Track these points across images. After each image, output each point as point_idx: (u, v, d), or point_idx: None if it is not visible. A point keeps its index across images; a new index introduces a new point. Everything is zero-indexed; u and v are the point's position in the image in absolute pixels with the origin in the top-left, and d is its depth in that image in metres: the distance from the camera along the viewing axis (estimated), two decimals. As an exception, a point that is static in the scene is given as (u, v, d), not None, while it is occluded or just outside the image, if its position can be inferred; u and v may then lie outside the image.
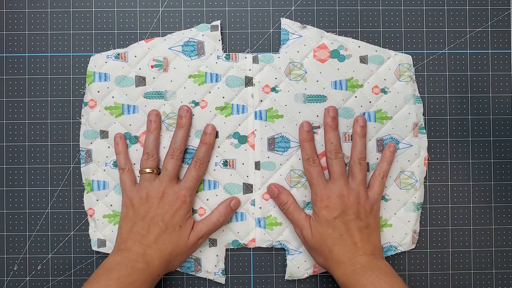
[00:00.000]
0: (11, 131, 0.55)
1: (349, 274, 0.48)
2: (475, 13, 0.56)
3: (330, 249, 0.50)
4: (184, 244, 0.51)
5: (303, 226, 0.52)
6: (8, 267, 0.55)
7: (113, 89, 0.54)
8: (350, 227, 0.50)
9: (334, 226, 0.50)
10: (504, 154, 0.56)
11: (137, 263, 0.48)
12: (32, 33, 0.55)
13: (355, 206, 0.50)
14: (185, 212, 0.51)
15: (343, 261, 0.49)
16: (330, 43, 0.55)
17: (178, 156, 0.52)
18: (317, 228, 0.51)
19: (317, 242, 0.50)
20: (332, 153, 0.52)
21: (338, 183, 0.51)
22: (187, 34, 0.55)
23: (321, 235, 0.50)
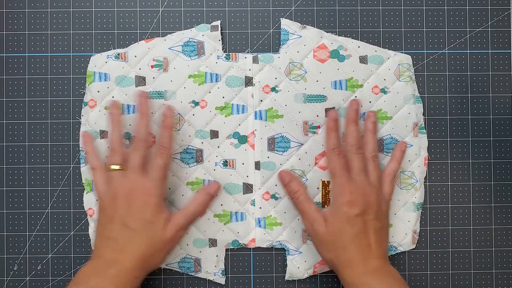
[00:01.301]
0: (11, 131, 0.55)
1: (359, 275, 0.47)
2: (475, 13, 0.56)
3: (345, 246, 0.48)
4: (161, 240, 0.48)
5: (315, 218, 0.50)
6: (8, 267, 0.55)
7: (113, 89, 0.54)
8: (368, 227, 0.48)
9: (354, 223, 0.48)
10: (504, 154, 0.56)
11: (108, 270, 0.46)
12: (32, 33, 0.55)
13: (375, 206, 0.49)
14: (154, 207, 0.48)
15: (355, 261, 0.47)
16: (330, 43, 0.55)
17: (142, 146, 0.50)
18: (335, 223, 0.48)
19: (332, 237, 0.48)
20: (354, 148, 0.51)
21: (360, 179, 0.50)
22: (187, 34, 0.55)
23: (338, 230, 0.48)
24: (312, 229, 0.50)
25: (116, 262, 0.47)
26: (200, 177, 0.54)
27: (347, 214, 0.48)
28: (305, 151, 0.54)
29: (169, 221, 0.49)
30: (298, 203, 0.51)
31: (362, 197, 0.49)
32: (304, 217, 0.51)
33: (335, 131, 0.52)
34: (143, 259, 0.48)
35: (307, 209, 0.50)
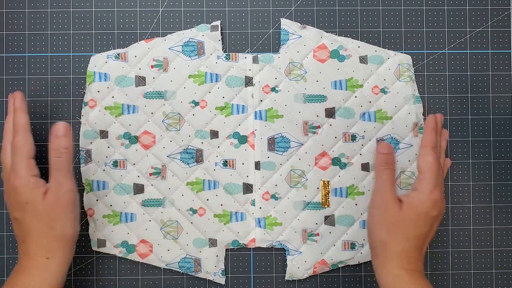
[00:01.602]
0: (11, 131, 0.55)
1: (387, 270, 0.47)
2: (475, 13, 0.56)
3: (404, 237, 0.47)
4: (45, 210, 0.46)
5: (392, 196, 0.48)
6: (8, 267, 0.55)
7: (113, 89, 0.54)
8: (434, 230, 0.48)
9: (427, 222, 0.47)
10: (504, 154, 0.56)
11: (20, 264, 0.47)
12: (32, 33, 0.55)
13: (443, 211, 0.49)
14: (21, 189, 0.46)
15: (401, 257, 0.47)
16: (330, 43, 0.55)
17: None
18: (410, 212, 0.47)
19: (398, 223, 0.47)
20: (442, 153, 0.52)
21: (441, 186, 0.49)
22: (187, 34, 0.55)
23: (410, 220, 0.47)
24: (382, 206, 0.48)
25: (24, 254, 0.47)
26: (200, 177, 0.54)
27: (428, 211, 0.47)
28: (305, 151, 0.54)
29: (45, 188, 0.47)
30: (384, 174, 0.49)
31: (442, 201, 0.48)
32: (381, 189, 0.49)
33: (436, 131, 0.50)
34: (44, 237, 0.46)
35: (387, 183, 0.49)
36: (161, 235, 0.54)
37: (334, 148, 0.55)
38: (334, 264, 0.55)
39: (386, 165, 0.50)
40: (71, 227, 0.47)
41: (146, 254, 0.54)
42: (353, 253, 0.55)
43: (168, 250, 0.54)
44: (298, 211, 0.54)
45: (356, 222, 0.55)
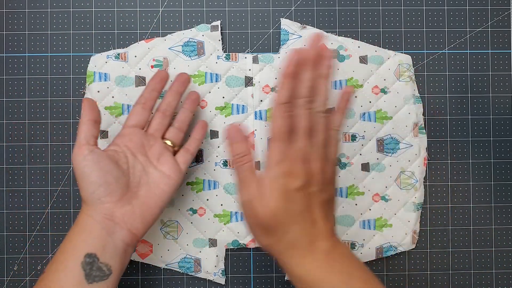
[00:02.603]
0: (11, 131, 0.55)
1: (308, 266, 0.40)
2: (475, 13, 0.56)
3: (285, 230, 0.40)
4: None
5: (255, 195, 0.41)
6: (8, 267, 0.55)
7: (113, 89, 0.54)
8: (311, 202, 0.40)
9: (294, 199, 0.40)
10: (504, 154, 0.56)
11: None
12: (32, 33, 0.55)
13: (320, 174, 0.41)
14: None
15: (301, 247, 0.40)
16: (330, 43, 0.55)
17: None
18: (270, 201, 0.40)
19: (268, 219, 0.40)
20: (304, 101, 0.41)
21: (302, 143, 0.41)
22: (187, 34, 0.55)
23: (274, 210, 0.40)
24: (249, 207, 0.41)
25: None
26: (200, 177, 0.54)
27: (285, 187, 0.40)
28: (305, 151, 0.54)
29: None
30: (242, 171, 0.42)
31: (303, 166, 0.40)
32: (243, 191, 0.42)
33: (293, 78, 0.41)
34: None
35: (249, 182, 0.41)
36: (161, 235, 0.54)
37: (334, 148, 0.55)
38: (334, 264, 0.55)
39: (242, 157, 0.42)
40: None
41: (146, 254, 0.54)
42: (353, 253, 0.55)
43: (168, 250, 0.54)
44: (298, 211, 0.54)
45: (356, 222, 0.55)
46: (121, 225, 0.45)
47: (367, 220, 0.55)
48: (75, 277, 0.42)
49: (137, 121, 0.49)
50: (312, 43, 0.42)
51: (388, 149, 0.55)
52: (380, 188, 0.55)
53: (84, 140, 0.45)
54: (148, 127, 0.50)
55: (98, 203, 0.45)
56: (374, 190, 0.55)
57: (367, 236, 0.55)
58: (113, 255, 0.44)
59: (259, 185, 0.41)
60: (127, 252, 0.46)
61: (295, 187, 0.40)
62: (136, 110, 0.49)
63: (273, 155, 0.41)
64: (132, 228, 0.45)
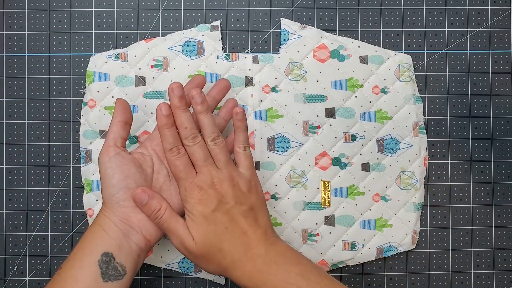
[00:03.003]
0: (11, 131, 0.55)
1: (251, 273, 0.43)
2: (475, 13, 0.56)
3: (219, 248, 0.43)
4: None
5: (183, 234, 0.44)
6: (8, 267, 0.55)
7: (113, 89, 0.54)
8: (233, 216, 0.44)
9: (215, 220, 0.43)
10: (504, 154, 0.56)
11: None
12: (32, 33, 0.55)
13: (230, 191, 0.44)
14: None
15: (239, 259, 0.43)
16: (330, 43, 0.55)
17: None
18: (197, 230, 0.44)
19: (203, 247, 0.43)
20: (189, 139, 0.45)
21: (206, 170, 0.45)
22: (187, 34, 0.55)
23: (204, 236, 0.43)
24: (184, 248, 0.45)
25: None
26: (200, 177, 0.54)
27: (203, 213, 0.44)
28: (305, 151, 0.54)
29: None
30: (163, 223, 0.45)
31: (212, 189, 0.44)
32: (172, 236, 0.45)
33: (170, 128, 0.45)
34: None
35: (173, 227, 0.45)
36: (161, 235, 0.54)
37: (334, 148, 0.55)
38: (334, 264, 0.55)
39: (157, 212, 0.45)
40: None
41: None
42: (353, 253, 0.55)
43: (168, 250, 0.54)
44: (298, 211, 0.54)
45: (356, 222, 0.55)
46: (136, 230, 0.46)
47: (367, 220, 0.55)
48: (92, 275, 0.43)
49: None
50: (172, 93, 0.46)
51: (388, 149, 0.55)
52: (380, 188, 0.55)
53: (112, 141, 0.46)
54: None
55: (116, 206, 0.45)
56: (374, 190, 0.55)
57: (367, 236, 0.55)
58: (128, 257, 0.45)
59: (184, 226, 0.45)
60: (140, 256, 0.46)
61: (211, 209, 0.44)
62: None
63: (184, 193, 0.45)
64: (147, 234, 0.46)
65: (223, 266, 0.44)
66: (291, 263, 0.43)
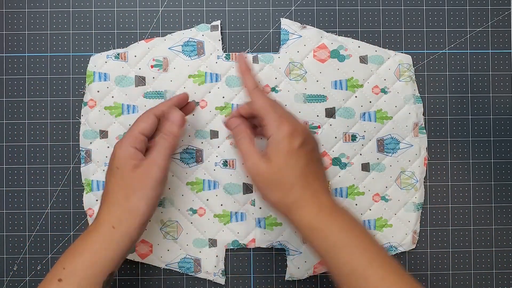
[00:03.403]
0: (11, 131, 0.55)
1: (313, 217, 0.43)
2: (475, 13, 0.56)
3: (292, 183, 0.43)
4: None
5: (258, 156, 0.45)
6: (8, 267, 0.55)
7: (113, 89, 0.54)
8: (311, 159, 0.45)
9: (298, 156, 0.44)
10: (504, 154, 0.56)
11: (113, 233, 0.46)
12: (32, 33, 0.55)
13: (311, 136, 0.46)
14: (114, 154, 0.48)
15: (306, 199, 0.43)
16: (330, 43, 0.55)
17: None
18: (277, 157, 0.44)
19: (276, 173, 0.44)
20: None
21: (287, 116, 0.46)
22: (187, 34, 0.55)
23: (283, 166, 0.44)
24: (254, 170, 0.45)
25: (95, 219, 0.46)
26: (200, 177, 0.54)
27: (290, 147, 0.44)
28: (305, 151, 0.54)
29: (139, 162, 0.48)
30: (241, 143, 0.47)
31: (300, 128, 0.45)
32: (246, 157, 0.46)
33: (250, 72, 0.49)
34: (118, 205, 0.46)
35: (251, 148, 0.46)
36: (161, 235, 0.54)
37: (334, 148, 0.55)
38: (334, 264, 0.55)
39: (239, 135, 0.48)
40: (146, 204, 0.46)
41: (146, 254, 0.54)
42: (353, 253, 0.54)
43: (168, 250, 0.54)
44: (298, 211, 0.54)
45: (356, 222, 0.55)
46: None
47: (367, 220, 0.55)
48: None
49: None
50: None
51: (388, 149, 0.55)
52: (380, 188, 0.55)
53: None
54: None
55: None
56: (374, 190, 0.55)
57: (367, 236, 0.55)
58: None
59: (259, 151, 0.45)
60: None
61: (297, 145, 0.44)
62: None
63: (274, 123, 0.45)
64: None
65: (288, 200, 0.44)
66: (356, 223, 0.43)
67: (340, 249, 0.41)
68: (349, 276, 0.40)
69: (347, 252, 0.41)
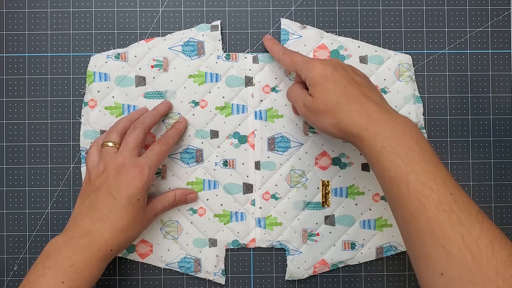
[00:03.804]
0: (11, 131, 0.55)
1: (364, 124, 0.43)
2: (475, 13, 0.56)
3: (336, 102, 0.45)
4: (142, 218, 0.48)
5: (304, 95, 0.48)
6: (8, 267, 0.55)
7: (113, 89, 0.54)
8: (350, 79, 0.46)
9: (334, 79, 0.46)
10: (504, 154, 0.56)
11: (79, 241, 0.45)
12: (32, 33, 0.55)
13: (343, 64, 0.48)
14: (142, 185, 0.47)
15: (353, 111, 0.44)
16: (330, 43, 0.55)
17: (140, 128, 0.49)
18: (316, 88, 0.46)
19: (321, 102, 0.46)
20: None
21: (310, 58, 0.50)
22: (187, 34, 0.55)
23: (321, 92, 0.46)
24: (303, 104, 0.48)
25: (91, 232, 0.46)
26: (200, 177, 0.54)
27: (324, 75, 0.46)
28: (305, 151, 0.54)
29: (148, 204, 0.50)
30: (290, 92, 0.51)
31: (329, 60, 0.48)
32: (295, 102, 0.50)
33: (275, 43, 0.53)
34: (123, 230, 0.46)
35: (297, 90, 0.49)
36: (161, 235, 0.54)
37: (334, 148, 0.55)
38: (334, 264, 0.55)
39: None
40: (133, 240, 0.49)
41: (146, 254, 0.54)
42: (353, 253, 0.55)
43: (168, 250, 0.54)
44: (298, 211, 0.54)
45: (356, 222, 0.55)
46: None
47: (367, 220, 0.55)
48: None
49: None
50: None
51: (388, 149, 0.55)
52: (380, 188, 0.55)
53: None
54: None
55: None
56: (374, 190, 0.55)
57: (367, 236, 0.55)
58: None
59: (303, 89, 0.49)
60: None
61: (331, 70, 0.47)
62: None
63: (303, 66, 0.48)
64: None
65: (338, 119, 0.45)
66: (409, 129, 0.43)
67: (386, 155, 0.42)
68: (392, 180, 0.42)
69: (390, 159, 0.42)
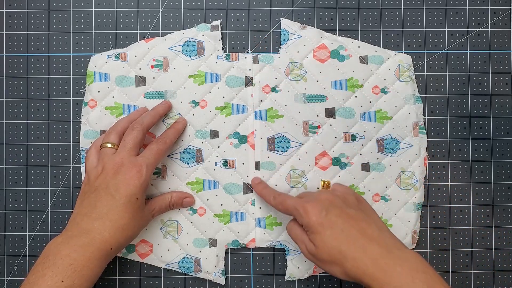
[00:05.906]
0: (11, 131, 0.55)
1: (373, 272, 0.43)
2: (475, 13, 0.56)
3: (339, 250, 0.44)
4: (141, 216, 0.48)
5: (305, 239, 0.47)
6: (8, 267, 0.55)
7: (113, 89, 0.54)
8: (345, 216, 0.46)
9: (331, 225, 0.45)
10: (504, 154, 0.56)
11: (78, 240, 0.45)
12: (32, 33, 0.55)
13: (338, 196, 0.48)
14: (140, 184, 0.47)
15: (360, 258, 0.43)
16: (330, 43, 0.55)
17: (138, 128, 0.49)
18: (316, 238, 0.45)
19: (324, 251, 0.45)
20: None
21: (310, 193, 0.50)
22: (187, 34, 0.55)
23: (323, 242, 0.45)
24: (309, 254, 0.47)
25: (90, 231, 0.46)
26: (200, 177, 0.54)
27: (319, 222, 0.45)
28: (305, 151, 0.55)
29: (146, 204, 0.50)
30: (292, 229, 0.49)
31: (320, 198, 0.47)
32: (300, 245, 0.48)
33: (264, 188, 0.53)
34: (122, 228, 0.46)
35: (301, 237, 0.48)
36: (161, 235, 0.54)
37: (334, 148, 0.55)
38: (334, 264, 0.55)
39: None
40: (135, 238, 0.50)
41: (146, 254, 0.54)
42: (353, 253, 0.55)
43: (168, 250, 0.54)
44: (298, 211, 0.54)
45: (356, 222, 0.55)
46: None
47: (367, 220, 0.55)
48: None
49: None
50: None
51: (388, 149, 0.55)
52: (380, 188, 0.55)
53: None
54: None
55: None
56: (374, 190, 0.55)
57: (367, 236, 0.55)
58: None
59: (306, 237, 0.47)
60: None
61: (323, 216, 0.46)
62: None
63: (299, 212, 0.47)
64: None
65: (346, 268, 0.44)
66: (416, 270, 0.43)
67: None
68: None
69: None
